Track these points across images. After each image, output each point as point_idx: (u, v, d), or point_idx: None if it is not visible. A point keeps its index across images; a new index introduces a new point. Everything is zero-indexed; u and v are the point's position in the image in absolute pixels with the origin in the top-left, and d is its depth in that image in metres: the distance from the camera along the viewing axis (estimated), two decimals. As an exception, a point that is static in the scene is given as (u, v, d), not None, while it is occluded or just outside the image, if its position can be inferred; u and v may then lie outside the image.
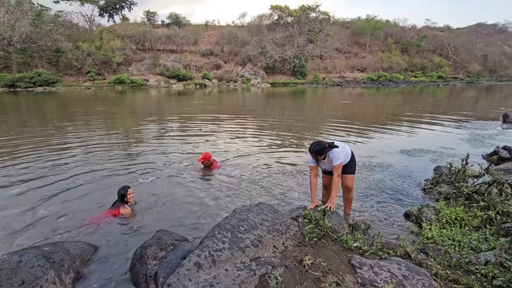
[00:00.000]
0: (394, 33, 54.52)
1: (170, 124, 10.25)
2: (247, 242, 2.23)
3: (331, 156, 3.09)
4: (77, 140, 7.48)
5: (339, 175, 3.09)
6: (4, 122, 10.54)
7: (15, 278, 2.12)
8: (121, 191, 3.54)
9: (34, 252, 2.34)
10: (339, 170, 3.08)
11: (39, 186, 4.33)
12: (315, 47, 44.25)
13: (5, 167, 5.18)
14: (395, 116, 12.27)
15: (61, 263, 2.39)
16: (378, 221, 3.39)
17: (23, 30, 30.15)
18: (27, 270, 2.17)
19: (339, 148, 3.07)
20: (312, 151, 3.07)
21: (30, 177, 4.72)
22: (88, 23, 42.79)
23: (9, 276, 2.12)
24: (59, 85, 30.37)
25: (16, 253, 2.30)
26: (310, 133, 8.44)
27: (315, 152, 3.05)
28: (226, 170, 5.05)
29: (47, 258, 2.34)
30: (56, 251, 2.48)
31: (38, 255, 2.32)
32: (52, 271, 2.27)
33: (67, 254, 2.52)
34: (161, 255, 2.49)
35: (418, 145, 6.85)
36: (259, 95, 25.86)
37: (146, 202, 3.84)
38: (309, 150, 3.13)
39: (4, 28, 28.84)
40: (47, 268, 2.25)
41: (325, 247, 2.44)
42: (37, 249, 2.42)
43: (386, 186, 4.34)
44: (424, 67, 50.18)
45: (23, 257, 2.25)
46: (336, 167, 3.06)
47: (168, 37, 42.63)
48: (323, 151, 3.03)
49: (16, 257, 2.24)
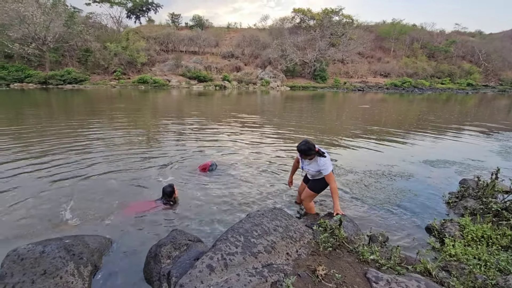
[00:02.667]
0: (420, 37, 52.65)
1: (190, 123, 10.44)
2: (260, 248, 2.21)
3: (319, 165, 3.18)
4: (100, 135, 7.78)
5: (334, 182, 3.17)
6: (36, 116, 11.19)
7: (38, 267, 2.22)
8: (168, 189, 3.78)
9: (56, 244, 2.44)
10: (332, 178, 3.16)
11: (60, 178, 4.54)
12: (337, 51, 43.61)
13: (35, 157, 5.48)
14: (419, 124, 11.81)
15: (80, 255, 2.48)
16: (397, 233, 3.26)
17: (56, 31, 31.96)
18: (49, 261, 2.27)
19: (326, 159, 3.15)
20: (298, 149, 3.20)
21: (54, 172, 4.95)
22: (116, 24, 44.71)
23: (33, 265, 2.23)
24: (87, 83, 31.87)
25: (40, 244, 2.42)
26: (328, 138, 8.29)
27: (301, 151, 3.17)
28: (242, 172, 5.06)
29: (67, 250, 2.44)
30: (77, 244, 2.58)
31: (60, 247, 2.43)
32: (72, 263, 2.36)
33: (86, 248, 2.61)
34: (174, 254, 2.53)
35: (443, 155, 6.54)
36: (277, 98, 25.81)
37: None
38: (297, 147, 3.25)
39: (40, 29, 30.70)
40: (67, 260, 2.35)
41: (340, 258, 2.38)
42: (59, 240, 2.53)
43: (406, 197, 4.17)
44: (452, 73, 48.02)
45: (46, 248, 2.36)
46: (327, 177, 3.15)
47: (191, 39, 43.63)
48: (308, 152, 3.13)
49: (40, 247, 2.35)
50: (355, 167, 5.49)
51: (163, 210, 3.68)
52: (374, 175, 5.03)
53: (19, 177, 4.59)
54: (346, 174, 5.05)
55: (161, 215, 3.54)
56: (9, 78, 29.10)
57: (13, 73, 29.70)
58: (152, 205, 3.76)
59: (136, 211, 3.62)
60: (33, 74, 30.37)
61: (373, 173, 5.16)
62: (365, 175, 5.02)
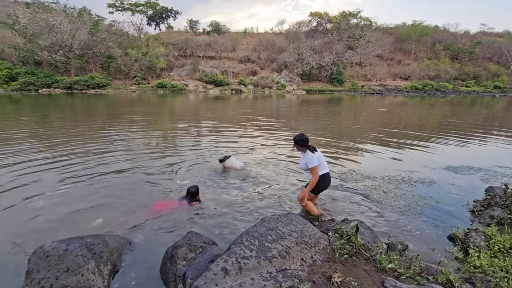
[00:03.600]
0: (443, 39, 50.82)
1: (206, 125, 10.60)
2: (275, 252, 2.20)
3: (306, 159, 3.54)
4: (119, 137, 8.06)
5: (317, 176, 3.49)
6: (61, 119, 11.77)
7: (61, 264, 2.33)
8: (193, 189, 3.95)
9: (79, 243, 2.55)
10: (315, 172, 3.47)
11: (82, 179, 4.74)
12: (355, 54, 42.87)
13: (59, 156, 5.76)
14: (441, 128, 11.36)
15: (101, 254, 2.58)
16: (417, 242, 3.14)
17: (81, 38, 33.56)
18: (71, 259, 2.37)
19: (314, 154, 3.51)
20: (293, 138, 3.66)
21: (76, 171, 5.18)
22: (137, 31, 46.32)
23: (57, 262, 2.34)
24: (109, 88, 33.14)
25: (64, 242, 2.53)
26: (344, 142, 8.14)
27: (294, 140, 3.62)
28: (258, 175, 5.06)
29: (89, 249, 2.54)
30: (97, 243, 2.67)
31: (82, 245, 2.53)
32: (93, 262, 2.45)
33: (106, 247, 2.71)
34: (190, 256, 2.57)
35: (467, 161, 6.25)
36: (293, 101, 25.70)
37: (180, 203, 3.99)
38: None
39: (66, 37, 32.37)
40: (88, 259, 2.44)
41: (356, 266, 2.32)
42: (81, 239, 2.63)
43: (428, 205, 4.01)
44: (478, 75, 45.88)
45: (69, 246, 2.47)
46: (312, 169, 3.48)
47: (208, 44, 44.43)
48: (300, 142, 3.56)
49: (63, 246, 2.46)
50: (373, 172, 5.35)
51: (182, 210, 3.76)
52: (393, 181, 4.88)
53: (44, 175, 4.84)
54: (364, 180, 4.94)
55: (177, 216, 3.61)
56: (38, 84, 30.81)
57: (42, 79, 31.42)
58: (175, 205, 3.87)
59: (161, 210, 3.73)
60: (60, 80, 31.99)
61: (393, 179, 5.01)
62: (384, 181, 4.88)
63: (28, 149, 6.63)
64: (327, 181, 3.70)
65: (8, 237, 3.10)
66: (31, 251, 2.42)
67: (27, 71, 31.89)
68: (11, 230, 3.25)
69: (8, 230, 3.25)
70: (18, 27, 30.99)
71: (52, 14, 31.49)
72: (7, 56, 33.34)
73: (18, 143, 7.18)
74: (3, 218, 3.50)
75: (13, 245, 2.97)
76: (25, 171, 5.08)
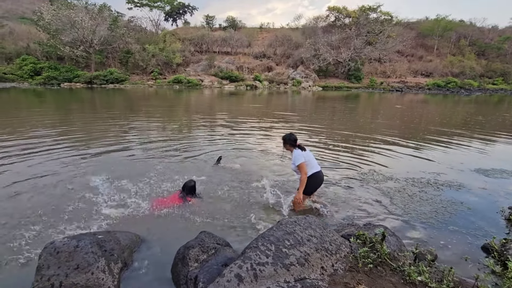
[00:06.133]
0: (468, 34, 48.36)
1: (221, 122, 10.52)
2: (292, 259, 2.04)
3: (293, 157, 3.57)
4: (136, 132, 8.11)
5: (306, 173, 3.48)
6: (81, 112, 12.04)
7: (71, 261, 2.26)
8: (191, 183, 3.83)
9: (90, 239, 2.48)
10: (302, 169, 3.48)
11: (95, 170, 4.74)
12: (374, 50, 41.49)
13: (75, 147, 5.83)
14: (467, 128, 10.73)
15: (112, 252, 2.50)
16: (447, 251, 2.89)
17: (101, 34, 34.39)
18: (82, 256, 2.31)
19: (300, 152, 3.53)
20: (282, 137, 3.71)
21: (91, 165, 5.20)
22: (155, 27, 47.01)
23: (67, 259, 2.27)
24: (127, 83, 33.85)
25: (75, 238, 2.47)
26: (363, 142, 7.81)
27: (283, 138, 3.69)
28: (272, 174, 4.90)
29: (100, 246, 2.46)
30: (108, 239, 2.60)
31: (93, 242, 2.46)
32: (103, 259, 2.37)
33: (117, 244, 2.63)
34: (202, 258, 2.45)
35: (498, 164, 5.81)
36: (308, 98, 25.24)
37: (194, 200, 3.89)
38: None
39: (87, 32, 33.25)
40: (99, 256, 2.37)
41: (381, 277, 2.12)
42: (92, 236, 2.57)
43: (457, 211, 3.71)
44: (506, 73, 43.38)
45: (80, 243, 2.40)
46: (299, 166, 3.49)
47: (224, 40, 44.42)
48: (287, 141, 3.63)
49: (74, 242, 2.40)
50: (395, 173, 5.06)
51: (190, 207, 3.65)
52: (418, 184, 4.58)
53: (58, 164, 4.89)
54: (386, 181, 4.67)
55: (189, 214, 3.51)
56: (60, 78, 31.90)
57: (64, 73, 32.51)
58: (176, 200, 3.75)
59: (163, 206, 3.64)
60: (80, 75, 32.98)
61: (417, 181, 4.70)
62: (408, 183, 4.59)
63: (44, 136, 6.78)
64: (317, 180, 3.62)
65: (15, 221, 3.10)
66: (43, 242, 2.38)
67: (50, 66, 33.08)
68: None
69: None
70: (42, 23, 32.12)
71: (74, 11, 32.44)
72: (32, 51, 34.72)
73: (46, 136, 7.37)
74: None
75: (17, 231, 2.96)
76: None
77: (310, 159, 3.59)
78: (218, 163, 5.34)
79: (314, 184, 3.63)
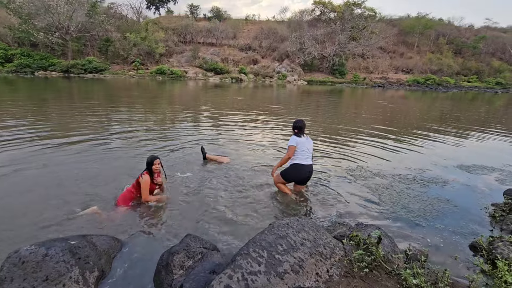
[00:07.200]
0: (447, 32, 49.93)
1: (205, 115, 10.21)
2: (286, 267, 1.91)
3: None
4: (117, 124, 7.69)
5: (289, 155, 3.63)
6: (59, 103, 11.31)
7: (39, 272, 2.02)
8: (147, 160, 3.41)
9: (61, 246, 2.24)
10: (288, 150, 3.63)
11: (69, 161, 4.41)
12: (357, 45, 41.98)
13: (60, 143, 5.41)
14: (448, 124, 11.06)
15: (87, 259, 2.27)
16: (436, 251, 2.88)
17: (79, 20, 32.46)
18: (52, 266, 2.07)
19: (295, 137, 3.65)
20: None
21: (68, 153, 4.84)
22: (136, 14, 45.03)
23: (34, 270, 2.03)
24: (107, 73, 32.36)
25: (44, 245, 2.21)
26: (347, 137, 7.82)
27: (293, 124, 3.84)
28: (254, 169, 4.76)
29: (73, 253, 2.23)
30: (83, 245, 2.37)
31: (65, 249, 2.22)
32: (77, 268, 2.15)
33: (93, 250, 2.40)
34: (188, 264, 2.27)
35: (479, 160, 5.97)
36: (294, 92, 25.21)
37: (179, 198, 3.68)
38: None
39: (63, 18, 31.29)
40: (71, 265, 2.14)
41: (377, 282, 2.04)
42: (65, 242, 2.32)
43: (444, 208, 3.73)
44: (480, 71, 45.34)
45: (50, 250, 2.16)
46: (288, 148, 3.65)
47: (209, 31, 43.36)
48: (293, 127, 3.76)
49: (43, 250, 2.15)
50: (382, 170, 5.06)
51: (179, 208, 3.44)
52: (404, 180, 4.60)
53: (25, 157, 4.50)
54: (374, 178, 4.65)
55: (174, 214, 3.31)
56: (33, 66, 29.95)
57: (38, 61, 30.53)
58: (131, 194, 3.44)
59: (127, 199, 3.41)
60: (56, 63, 31.12)
61: (403, 177, 4.72)
62: (394, 180, 4.59)
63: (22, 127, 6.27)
64: (297, 171, 3.66)
65: None
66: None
67: (23, 53, 31.00)
68: None
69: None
70: (13, 6, 29.85)
71: (47, -6, 30.32)
72: (2, 36, 32.31)
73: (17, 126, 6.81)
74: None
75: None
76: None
77: (301, 148, 3.61)
78: (204, 159, 5.12)
79: (294, 174, 3.69)
